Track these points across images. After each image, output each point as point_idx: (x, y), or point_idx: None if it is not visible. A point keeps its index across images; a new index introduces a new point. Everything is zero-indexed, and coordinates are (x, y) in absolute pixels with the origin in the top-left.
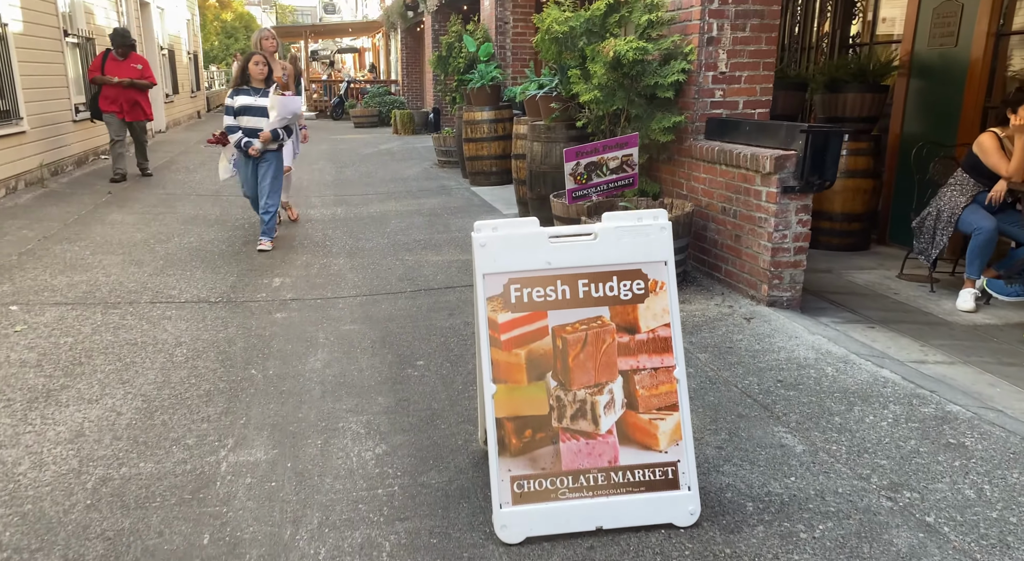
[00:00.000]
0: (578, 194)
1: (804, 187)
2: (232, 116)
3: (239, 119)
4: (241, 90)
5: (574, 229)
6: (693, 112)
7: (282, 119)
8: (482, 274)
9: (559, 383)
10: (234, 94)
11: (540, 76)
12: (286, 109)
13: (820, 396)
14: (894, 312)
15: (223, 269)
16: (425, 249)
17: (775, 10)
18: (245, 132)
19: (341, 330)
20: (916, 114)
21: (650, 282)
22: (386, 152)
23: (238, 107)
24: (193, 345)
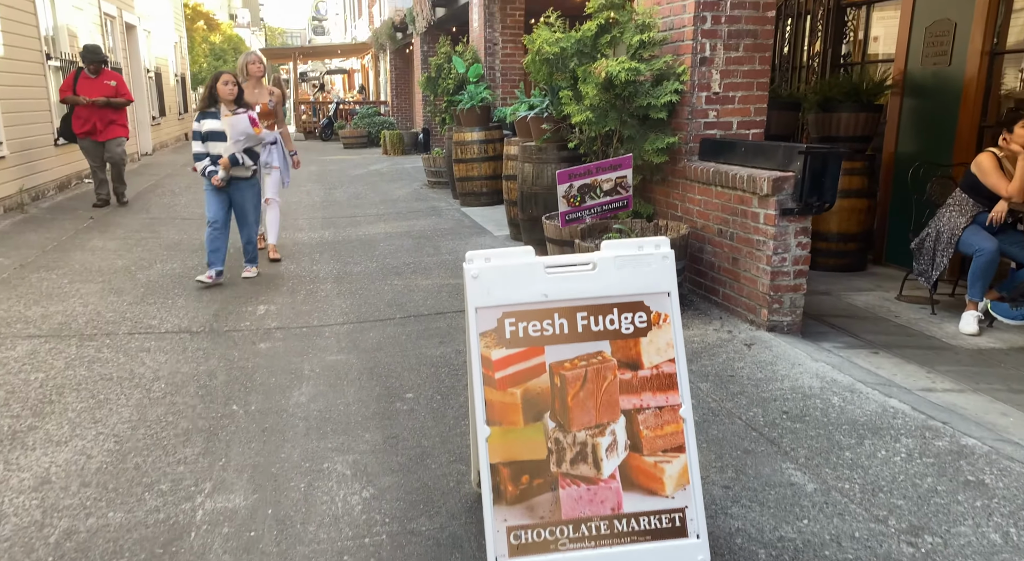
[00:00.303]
0: (571, 217)
1: (803, 209)
2: (200, 141)
3: (207, 145)
4: (208, 113)
5: (572, 259)
6: (687, 133)
7: (235, 141)
8: (474, 308)
9: (558, 424)
10: (201, 118)
11: (530, 97)
12: (236, 130)
13: (828, 429)
14: (897, 336)
15: (206, 296)
16: (415, 273)
17: (768, 30)
18: (213, 159)
19: (327, 361)
20: (910, 133)
21: (653, 314)
22: (375, 173)
23: (205, 132)
24: (172, 379)
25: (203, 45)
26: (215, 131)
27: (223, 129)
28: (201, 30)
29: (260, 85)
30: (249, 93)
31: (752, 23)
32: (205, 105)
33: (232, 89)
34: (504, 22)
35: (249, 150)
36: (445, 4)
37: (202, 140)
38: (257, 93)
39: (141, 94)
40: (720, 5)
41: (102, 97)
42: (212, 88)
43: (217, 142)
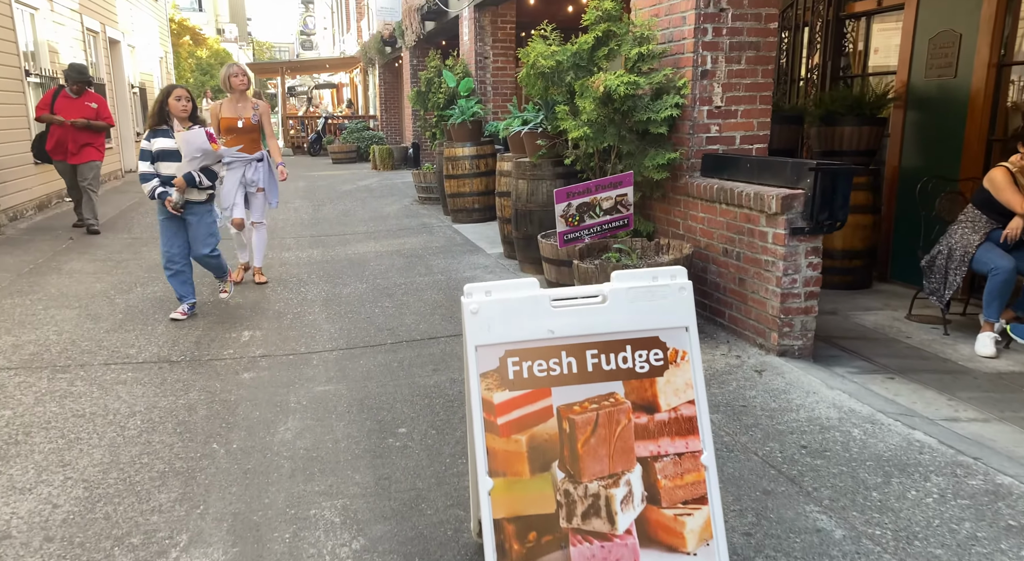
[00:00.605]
0: (570, 237)
1: (814, 228)
2: (148, 162)
3: (157, 166)
4: (159, 131)
5: (580, 291)
6: (688, 148)
7: (191, 159)
8: (474, 346)
9: (567, 474)
10: (151, 136)
11: (523, 111)
12: (191, 146)
13: (851, 465)
14: (911, 359)
15: (188, 322)
16: (406, 294)
17: (771, 42)
18: (164, 181)
19: (315, 392)
20: (915, 147)
21: (669, 352)
22: (365, 189)
23: (156, 151)
24: (148, 415)
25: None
26: (167, 150)
27: (176, 148)
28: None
29: (244, 98)
30: (231, 107)
31: (754, 35)
32: (155, 122)
33: (186, 105)
34: (495, 35)
35: (206, 169)
36: (434, 18)
37: (151, 161)
38: (241, 107)
39: (125, 110)
40: (721, 17)
41: (81, 119)
42: (163, 104)
43: (169, 163)
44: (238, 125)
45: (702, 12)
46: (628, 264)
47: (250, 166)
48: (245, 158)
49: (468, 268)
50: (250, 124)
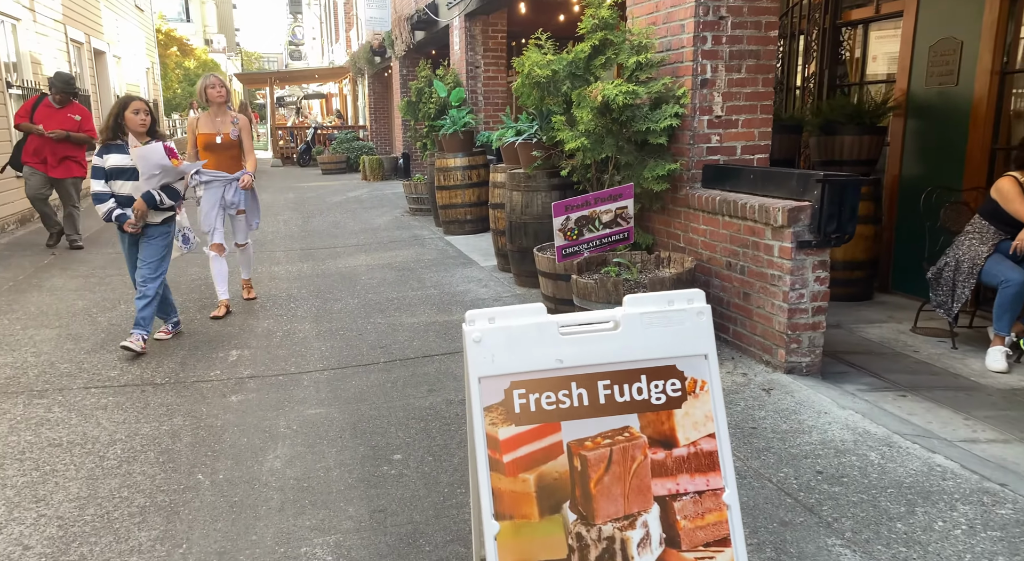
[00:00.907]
0: (568, 251)
1: (822, 241)
2: (103, 180)
3: (111, 184)
4: (113, 147)
5: (590, 317)
6: (688, 159)
7: (149, 177)
8: (477, 378)
9: (579, 516)
10: (104, 152)
11: (517, 121)
12: (148, 163)
13: (872, 493)
14: (921, 375)
15: (173, 341)
16: (399, 310)
17: (771, 50)
18: (120, 202)
19: (305, 415)
20: (916, 156)
21: (688, 381)
22: (355, 200)
23: (109, 168)
24: (129, 443)
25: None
26: (121, 168)
27: (132, 165)
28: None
29: (223, 112)
30: (209, 122)
31: (754, 43)
32: (108, 137)
33: (144, 119)
34: (486, 45)
35: (168, 187)
36: (424, 27)
37: (105, 179)
38: (220, 121)
39: None
40: (721, 25)
41: (59, 131)
42: (118, 116)
43: (124, 181)
44: (216, 141)
45: (701, 20)
46: (628, 278)
47: (229, 186)
48: (224, 177)
49: (461, 282)
50: (230, 140)
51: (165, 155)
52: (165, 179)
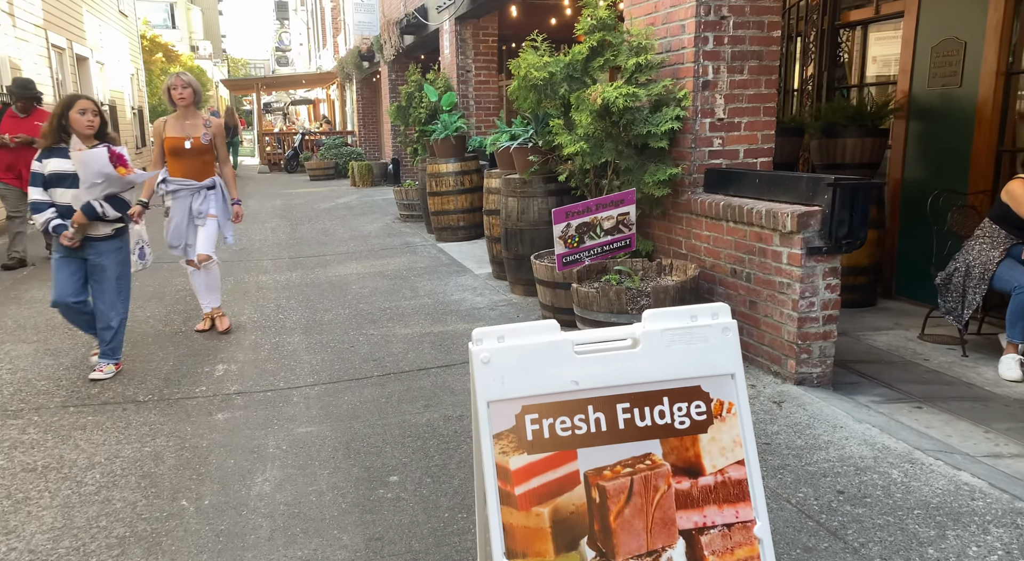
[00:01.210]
0: (569, 259)
1: (833, 248)
2: (40, 187)
3: (51, 192)
4: (55, 150)
5: (607, 334)
6: (690, 163)
7: (90, 186)
8: (485, 402)
9: (598, 553)
10: (44, 156)
11: (511, 125)
12: (89, 170)
13: (898, 515)
14: (934, 385)
15: (157, 355)
16: (392, 320)
17: (774, 51)
18: (60, 212)
19: (296, 434)
20: (919, 159)
21: (714, 403)
22: (344, 206)
23: (49, 174)
24: (110, 466)
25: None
26: (61, 173)
27: (73, 171)
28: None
29: (193, 115)
30: (177, 125)
31: (757, 43)
32: (51, 140)
33: (92, 120)
34: (477, 48)
35: (113, 198)
36: (414, 31)
37: (44, 186)
38: (189, 125)
39: None
40: (722, 25)
41: (22, 135)
42: (61, 117)
43: (64, 188)
44: (185, 146)
45: (703, 20)
46: (630, 287)
47: (198, 195)
48: (192, 186)
49: (456, 290)
50: (200, 145)
51: (108, 162)
52: (110, 189)
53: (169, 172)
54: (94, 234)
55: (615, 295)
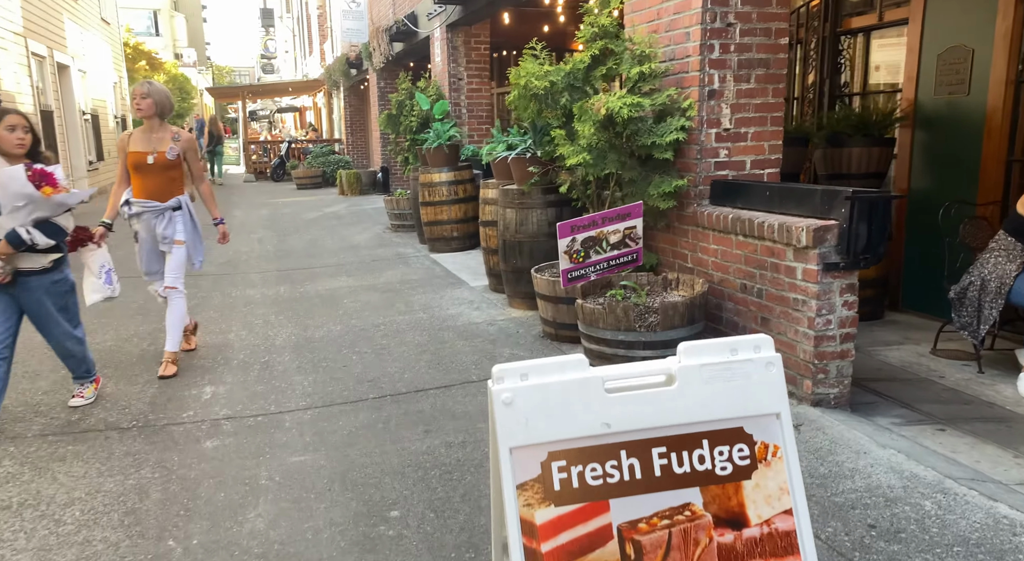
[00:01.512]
0: (574, 274)
1: (851, 263)
2: None
3: None
4: None
5: (638, 369)
6: (696, 174)
7: (13, 210)
8: (508, 448)
9: None
10: None
11: (507, 135)
12: (7, 191)
13: (936, 553)
14: (953, 404)
15: (142, 377)
16: (386, 337)
17: (782, 58)
18: None
19: (289, 463)
20: (926, 169)
21: (758, 446)
22: (333, 216)
23: None
24: (90, 502)
25: None
26: None
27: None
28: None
29: (161, 127)
30: (143, 138)
31: (764, 51)
32: None
33: (22, 138)
34: (469, 56)
35: (45, 223)
36: (403, 39)
37: None
38: (156, 138)
39: (76, 138)
40: (729, 32)
41: None
42: None
43: None
44: (147, 161)
45: (708, 27)
46: (637, 303)
47: (162, 217)
48: (156, 207)
49: (452, 304)
50: (165, 160)
51: (28, 181)
52: (38, 213)
53: (133, 192)
54: (27, 267)
55: (622, 311)
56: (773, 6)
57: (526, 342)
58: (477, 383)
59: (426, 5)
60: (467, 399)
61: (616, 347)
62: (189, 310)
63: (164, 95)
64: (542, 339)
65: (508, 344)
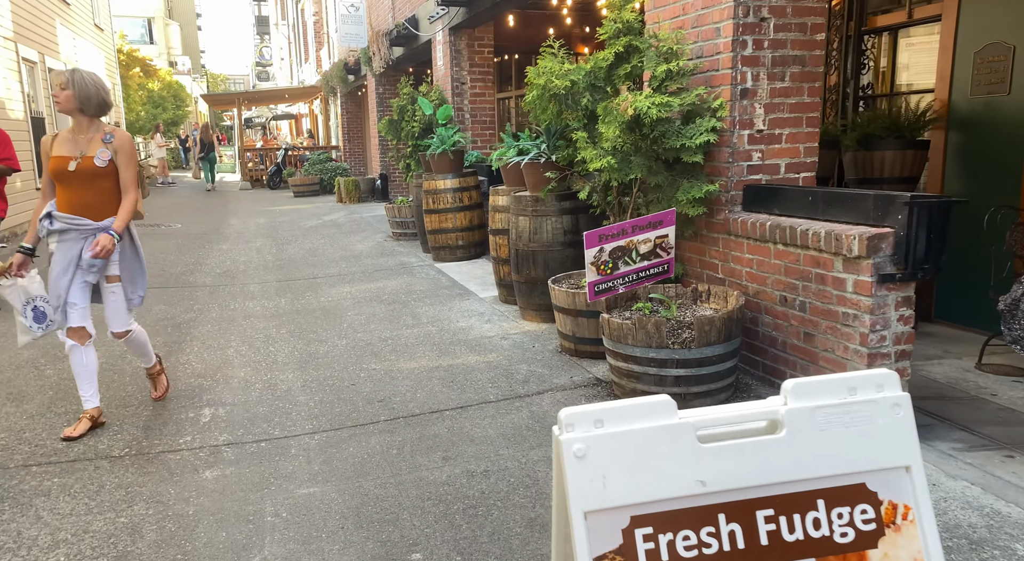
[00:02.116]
0: (602, 287)
1: (908, 275)
2: None
3: None
4: None
5: (734, 413)
6: (727, 179)
7: None
8: (582, 512)
9: None
10: None
11: (517, 139)
12: None
13: None
14: (1014, 426)
15: (135, 398)
16: (394, 352)
17: (818, 55)
18: None
19: (297, 497)
20: (961, 172)
21: (884, 507)
22: (332, 224)
23: None
24: (77, 545)
25: (140, 92)
26: None
27: None
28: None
29: (92, 127)
30: (68, 141)
31: (799, 48)
32: None
33: None
34: (472, 59)
35: None
36: (404, 43)
37: None
38: (83, 140)
39: None
40: (762, 27)
41: None
42: None
43: None
44: (69, 168)
45: (741, 22)
46: (668, 317)
47: (91, 240)
48: (83, 226)
49: (461, 316)
50: (92, 167)
51: None
52: None
53: (56, 205)
54: None
55: (654, 327)
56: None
57: (543, 357)
58: (495, 404)
59: (427, 8)
60: (486, 421)
61: (646, 365)
62: (183, 324)
63: (92, 86)
64: (560, 354)
65: (524, 360)
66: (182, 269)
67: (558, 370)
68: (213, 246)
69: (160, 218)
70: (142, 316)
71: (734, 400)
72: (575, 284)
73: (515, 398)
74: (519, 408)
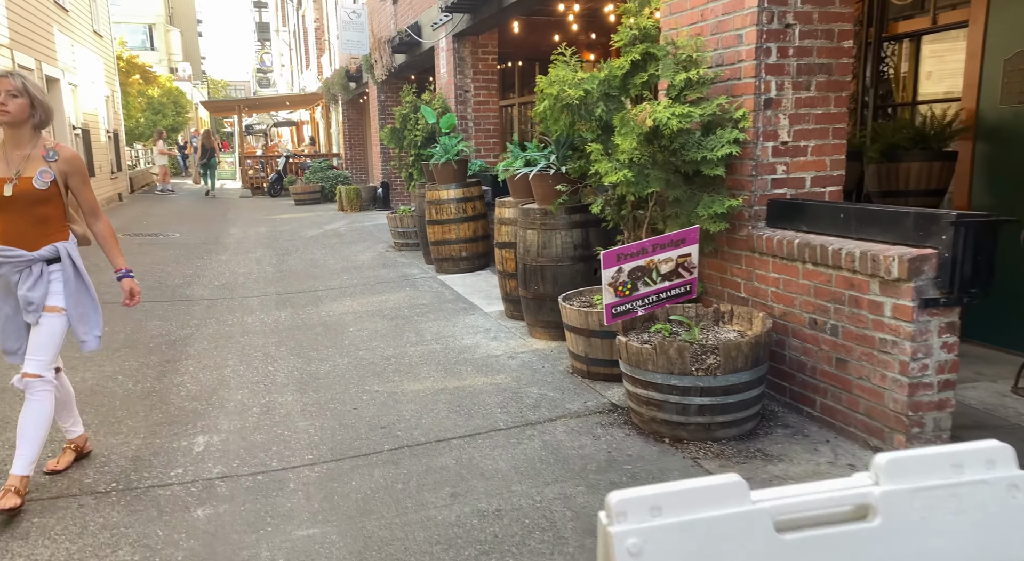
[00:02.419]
0: (619, 309)
1: (953, 300)
2: None
3: None
4: None
5: (816, 497)
6: (750, 193)
7: None
8: None
9: None
10: None
11: (524, 150)
12: None
13: None
14: None
15: (125, 423)
16: (398, 372)
17: (845, 64)
18: None
19: (295, 539)
20: (989, 185)
21: None
22: (333, 233)
23: None
24: None
25: (140, 99)
26: None
27: None
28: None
29: (27, 141)
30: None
31: (825, 55)
32: None
33: None
34: (476, 67)
35: None
36: (406, 50)
37: None
38: (19, 158)
39: None
40: (787, 34)
41: None
42: None
43: None
44: (4, 193)
45: (765, 29)
46: (689, 340)
47: (29, 273)
48: (18, 258)
49: (466, 333)
50: (31, 191)
51: None
52: None
53: None
54: None
55: (676, 353)
56: (836, 5)
57: (553, 379)
58: (505, 431)
59: (430, 15)
60: (496, 452)
61: (668, 393)
62: (178, 341)
63: (43, 93)
64: (571, 376)
65: (535, 382)
66: (180, 281)
67: (570, 394)
68: (212, 257)
69: (159, 227)
70: (137, 332)
71: (760, 430)
72: (587, 301)
73: (526, 425)
74: (531, 436)
